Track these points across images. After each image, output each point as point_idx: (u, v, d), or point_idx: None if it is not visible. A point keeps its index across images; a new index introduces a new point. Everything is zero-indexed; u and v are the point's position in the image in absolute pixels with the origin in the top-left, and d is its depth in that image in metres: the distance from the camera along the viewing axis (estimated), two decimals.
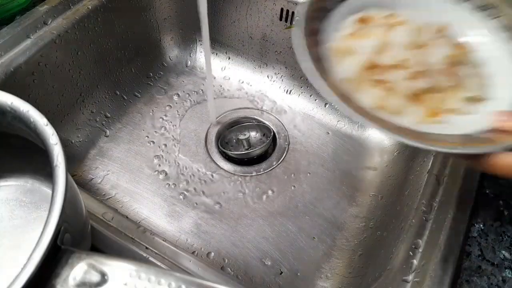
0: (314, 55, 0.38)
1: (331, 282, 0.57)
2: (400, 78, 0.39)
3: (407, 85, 0.39)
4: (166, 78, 0.81)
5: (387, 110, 0.37)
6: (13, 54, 0.57)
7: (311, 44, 0.38)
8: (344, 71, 0.39)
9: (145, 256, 0.42)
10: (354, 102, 0.37)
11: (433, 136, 0.35)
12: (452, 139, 0.35)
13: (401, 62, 0.39)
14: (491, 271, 0.40)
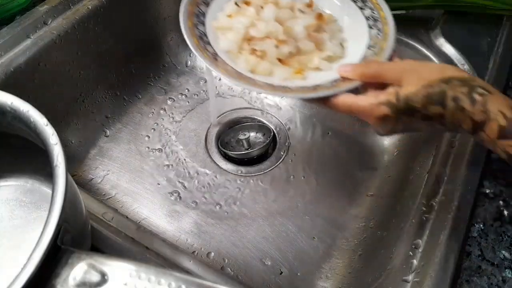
0: (199, 33, 0.49)
1: (331, 282, 0.57)
2: (271, 46, 0.48)
3: (277, 51, 0.48)
4: (166, 78, 0.81)
5: (260, 73, 0.47)
6: (13, 54, 0.57)
7: (197, 24, 0.50)
8: (226, 44, 0.49)
9: (145, 256, 0.42)
10: (230, 67, 0.46)
11: (292, 88, 0.45)
12: (307, 88, 0.45)
13: (270, 33, 0.49)
14: (491, 271, 0.40)
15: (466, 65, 0.60)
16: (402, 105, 0.40)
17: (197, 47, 0.47)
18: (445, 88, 0.39)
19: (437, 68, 0.42)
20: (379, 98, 0.41)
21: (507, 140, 0.37)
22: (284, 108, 0.77)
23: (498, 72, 0.58)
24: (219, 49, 0.48)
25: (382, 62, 0.46)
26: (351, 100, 0.43)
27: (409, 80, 0.40)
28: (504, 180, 0.48)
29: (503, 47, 0.62)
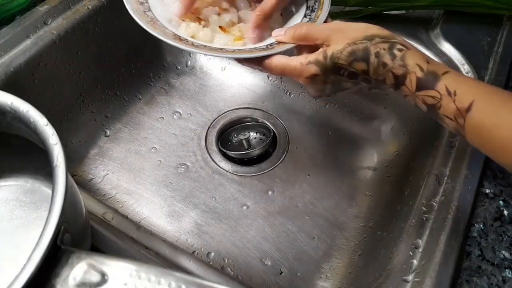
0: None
1: (331, 282, 0.57)
2: (213, 13, 0.52)
3: (219, 19, 0.52)
4: (166, 78, 0.81)
5: (201, 38, 0.50)
6: (13, 54, 0.57)
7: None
8: (169, 14, 0.51)
9: (145, 256, 0.42)
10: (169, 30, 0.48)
11: (228, 50, 0.48)
12: (244, 50, 0.48)
13: (214, 2, 0.53)
14: (491, 271, 0.40)
15: (466, 64, 0.60)
16: (329, 63, 0.42)
17: (136, 11, 0.48)
18: (368, 45, 0.41)
19: (362, 27, 0.44)
20: (308, 58, 0.44)
21: (425, 91, 0.40)
22: (284, 108, 0.77)
23: (498, 71, 0.58)
24: (161, 17, 0.50)
25: (312, 24, 0.49)
26: (284, 61, 0.45)
27: (335, 39, 0.43)
28: (504, 180, 0.48)
29: (503, 47, 0.62)
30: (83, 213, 0.40)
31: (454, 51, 0.62)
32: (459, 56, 0.61)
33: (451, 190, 0.46)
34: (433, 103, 0.40)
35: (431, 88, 0.40)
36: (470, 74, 0.59)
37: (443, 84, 0.40)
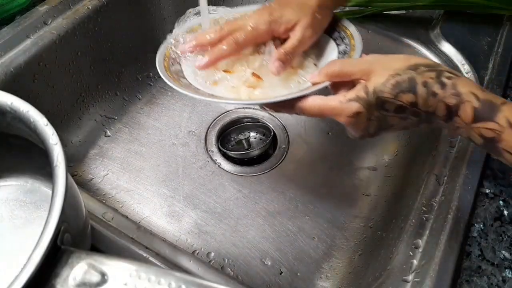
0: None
1: (331, 282, 0.57)
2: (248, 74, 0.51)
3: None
4: None
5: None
6: (13, 54, 0.57)
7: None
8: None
9: (145, 256, 0.42)
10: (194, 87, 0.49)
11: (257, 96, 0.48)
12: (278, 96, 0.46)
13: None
14: (491, 271, 0.40)
15: (466, 65, 0.60)
16: (372, 98, 0.39)
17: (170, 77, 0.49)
18: (414, 75, 0.39)
19: (402, 57, 0.42)
20: (347, 95, 0.41)
21: (482, 123, 0.37)
22: None
23: (498, 72, 0.58)
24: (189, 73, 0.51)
25: (346, 59, 0.47)
26: (320, 101, 0.42)
27: (375, 72, 0.40)
28: (504, 180, 0.48)
29: (503, 47, 0.62)
30: (83, 213, 0.40)
31: (454, 51, 0.62)
32: (459, 56, 0.61)
33: (451, 190, 0.46)
34: (492, 136, 0.37)
35: (489, 119, 0.37)
36: (470, 74, 0.59)
37: (504, 115, 0.36)
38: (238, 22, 0.51)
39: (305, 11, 0.50)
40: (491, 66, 0.59)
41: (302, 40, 0.49)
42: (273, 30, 0.50)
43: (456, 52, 0.62)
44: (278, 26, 0.50)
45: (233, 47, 0.49)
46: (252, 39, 0.50)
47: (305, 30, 0.50)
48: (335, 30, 0.53)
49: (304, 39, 0.50)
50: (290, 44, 0.49)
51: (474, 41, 0.63)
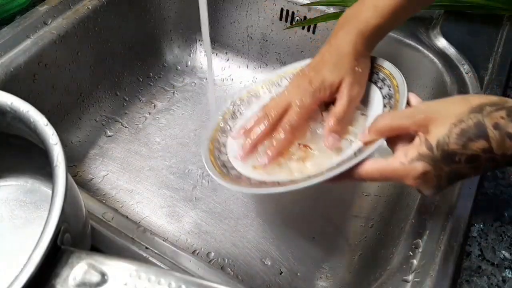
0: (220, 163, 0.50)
1: (331, 282, 0.57)
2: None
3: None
4: (166, 78, 0.81)
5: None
6: (13, 54, 0.57)
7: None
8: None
9: (145, 256, 0.42)
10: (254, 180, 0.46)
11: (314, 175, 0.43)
12: (331, 168, 0.42)
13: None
14: (491, 271, 0.40)
15: (466, 65, 0.60)
16: (437, 154, 0.35)
17: (220, 175, 0.47)
18: (480, 118, 0.34)
19: (459, 99, 0.37)
20: (409, 154, 0.36)
21: None
22: None
23: (498, 72, 0.58)
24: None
25: (395, 112, 0.42)
26: (380, 165, 0.38)
27: (434, 123, 0.36)
28: (504, 180, 0.48)
29: (503, 47, 0.62)
30: (83, 213, 0.40)
31: (454, 51, 0.62)
32: (459, 56, 0.61)
33: (451, 190, 0.46)
34: None
35: None
36: (470, 74, 0.59)
37: None
38: (282, 103, 0.48)
39: (345, 69, 0.47)
40: (491, 66, 0.59)
41: (350, 101, 0.47)
42: (319, 99, 0.48)
43: (456, 52, 0.62)
44: (323, 94, 0.47)
45: (289, 133, 0.47)
46: (303, 117, 0.48)
47: (351, 89, 0.47)
48: (373, 72, 0.50)
49: (352, 99, 0.47)
50: (339, 109, 0.46)
51: (474, 41, 0.63)
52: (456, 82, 0.58)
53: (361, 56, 0.48)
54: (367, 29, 0.47)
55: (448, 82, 0.59)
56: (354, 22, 0.48)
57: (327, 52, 0.49)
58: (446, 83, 0.59)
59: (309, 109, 0.48)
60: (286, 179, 0.45)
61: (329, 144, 0.46)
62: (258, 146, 0.49)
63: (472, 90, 0.57)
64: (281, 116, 0.48)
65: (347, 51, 0.47)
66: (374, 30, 0.48)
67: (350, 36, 0.48)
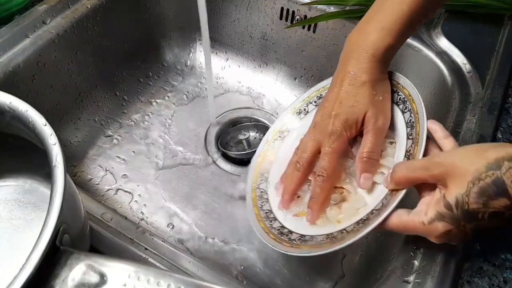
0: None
1: (331, 283, 0.57)
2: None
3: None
4: (165, 77, 0.81)
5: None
6: (11, 54, 0.57)
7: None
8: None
9: (144, 257, 0.42)
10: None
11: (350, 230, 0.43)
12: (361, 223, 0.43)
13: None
14: (493, 271, 0.40)
15: (467, 64, 0.60)
16: (457, 213, 0.35)
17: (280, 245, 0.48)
18: (498, 175, 0.33)
19: (475, 151, 0.36)
20: (429, 213, 0.36)
21: None
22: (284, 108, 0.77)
23: (499, 71, 0.58)
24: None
25: (412, 163, 0.41)
26: (404, 221, 0.38)
27: (452, 179, 0.35)
28: None
29: (504, 47, 0.62)
30: (82, 213, 0.40)
31: (456, 50, 0.62)
32: (460, 55, 0.61)
33: None
34: None
35: None
36: (472, 73, 0.59)
37: None
38: (311, 147, 0.47)
39: (365, 101, 0.45)
40: (492, 66, 0.59)
41: (377, 135, 0.45)
42: (347, 139, 0.47)
43: (458, 51, 0.62)
44: (349, 133, 0.46)
45: (326, 182, 0.46)
46: (335, 161, 0.46)
47: (375, 122, 0.45)
48: (393, 91, 0.48)
49: (379, 132, 0.46)
50: (367, 147, 0.45)
51: (475, 41, 0.63)
52: (457, 81, 0.58)
53: (378, 82, 0.46)
54: (379, 52, 0.45)
55: (449, 81, 0.59)
56: (363, 47, 0.46)
57: (343, 84, 0.47)
58: (447, 82, 0.59)
59: (339, 152, 0.47)
60: (324, 232, 0.46)
61: (363, 185, 0.45)
62: (297, 192, 0.50)
63: (474, 90, 0.56)
64: (313, 160, 0.48)
65: (364, 80, 0.45)
66: (387, 51, 0.46)
67: (363, 63, 0.45)
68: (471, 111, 0.54)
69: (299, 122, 0.56)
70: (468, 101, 0.55)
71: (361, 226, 0.42)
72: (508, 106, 0.55)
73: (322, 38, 0.72)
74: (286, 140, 0.56)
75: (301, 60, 0.77)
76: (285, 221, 0.49)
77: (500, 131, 0.52)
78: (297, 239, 0.47)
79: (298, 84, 0.79)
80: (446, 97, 0.58)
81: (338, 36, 0.70)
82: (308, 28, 0.72)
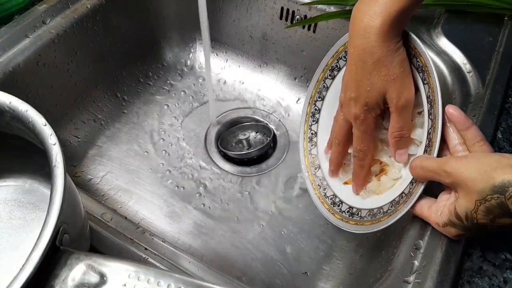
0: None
1: (331, 283, 0.57)
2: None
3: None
4: (165, 77, 0.81)
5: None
6: (11, 54, 0.57)
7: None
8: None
9: (144, 257, 0.42)
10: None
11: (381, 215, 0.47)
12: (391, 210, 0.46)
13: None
14: (493, 272, 0.40)
15: (467, 64, 0.60)
16: (468, 225, 0.37)
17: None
18: (502, 200, 0.34)
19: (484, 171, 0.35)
20: (442, 218, 0.39)
21: None
22: (284, 108, 0.77)
23: (499, 71, 0.58)
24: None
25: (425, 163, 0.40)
26: (423, 215, 0.42)
27: (462, 191, 0.37)
28: None
29: (505, 46, 0.61)
30: (82, 213, 0.40)
31: (456, 50, 0.62)
32: (460, 55, 0.61)
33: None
34: None
35: None
36: (472, 73, 0.59)
37: None
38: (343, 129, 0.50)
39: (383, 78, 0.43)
40: (492, 66, 0.59)
41: (403, 111, 0.44)
42: (374, 117, 0.46)
43: (458, 51, 0.61)
44: (374, 112, 0.45)
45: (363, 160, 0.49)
46: (368, 138, 0.48)
47: (398, 100, 0.43)
48: (411, 55, 0.45)
49: (403, 109, 0.44)
50: (395, 127, 0.45)
51: (475, 40, 0.63)
52: (457, 81, 0.58)
53: (393, 54, 0.42)
54: (390, 19, 0.41)
55: (449, 81, 0.59)
56: (371, 15, 0.41)
57: (357, 63, 0.44)
58: (447, 82, 0.59)
59: (368, 132, 0.47)
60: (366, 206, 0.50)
61: (399, 161, 0.47)
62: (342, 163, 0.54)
63: (474, 90, 0.56)
64: (349, 135, 0.50)
65: (376, 58, 0.42)
66: (398, 16, 0.41)
67: (373, 36, 0.41)
68: (471, 111, 0.54)
69: (334, 79, 0.55)
70: (468, 101, 0.55)
71: (393, 210, 0.45)
72: (508, 106, 0.55)
73: (322, 38, 0.72)
74: (326, 100, 0.57)
75: (301, 60, 0.77)
76: (335, 188, 0.54)
77: (500, 131, 0.51)
78: (346, 211, 0.51)
79: (298, 84, 0.79)
80: (446, 97, 0.58)
81: (338, 36, 0.69)
82: (308, 28, 0.72)
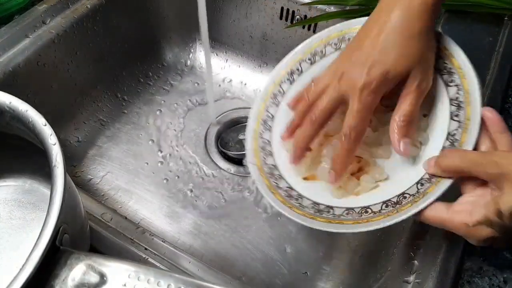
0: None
1: (331, 283, 0.57)
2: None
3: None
4: (165, 77, 0.81)
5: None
6: (11, 54, 0.57)
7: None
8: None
9: (144, 257, 0.42)
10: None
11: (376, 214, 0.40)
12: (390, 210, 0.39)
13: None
14: (493, 272, 0.40)
15: None
16: (509, 224, 0.31)
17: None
18: None
19: None
20: (475, 215, 0.32)
21: None
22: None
23: (499, 71, 0.58)
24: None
25: (466, 153, 0.36)
26: (441, 217, 0.35)
27: (508, 185, 0.31)
28: None
29: (505, 46, 0.61)
30: (82, 213, 0.40)
31: None
32: None
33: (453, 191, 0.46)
34: None
35: None
36: None
37: None
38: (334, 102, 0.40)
39: (414, 55, 0.38)
40: (492, 66, 0.59)
41: (419, 97, 0.39)
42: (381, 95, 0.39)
43: None
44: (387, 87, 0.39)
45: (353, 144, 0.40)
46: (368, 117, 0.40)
47: (420, 84, 0.38)
48: (439, 57, 0.40)
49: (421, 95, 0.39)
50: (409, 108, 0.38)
51: (475, 41, 0.63)
52: None
53: (430, 35, 0.39)
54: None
55: None
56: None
57: (387, 30, 0.38)
58: None
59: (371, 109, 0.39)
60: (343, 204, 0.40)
61: (404, 151, 0.39)
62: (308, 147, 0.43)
63: None
64: (332, 114, 0.41)
65: (416, 30, 0.37)
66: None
67: (415, 7, 0.37)
68: None
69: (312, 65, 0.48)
70: None
71: (392, 210, 0.38)
72: (508, 106, 0.55)
73: None
74: (295, 84, 0.49)
75: None
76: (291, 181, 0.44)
77: None
78: (310, 206, 0.41)
79: None
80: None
81: None
82: (308, 28, 0.72)
